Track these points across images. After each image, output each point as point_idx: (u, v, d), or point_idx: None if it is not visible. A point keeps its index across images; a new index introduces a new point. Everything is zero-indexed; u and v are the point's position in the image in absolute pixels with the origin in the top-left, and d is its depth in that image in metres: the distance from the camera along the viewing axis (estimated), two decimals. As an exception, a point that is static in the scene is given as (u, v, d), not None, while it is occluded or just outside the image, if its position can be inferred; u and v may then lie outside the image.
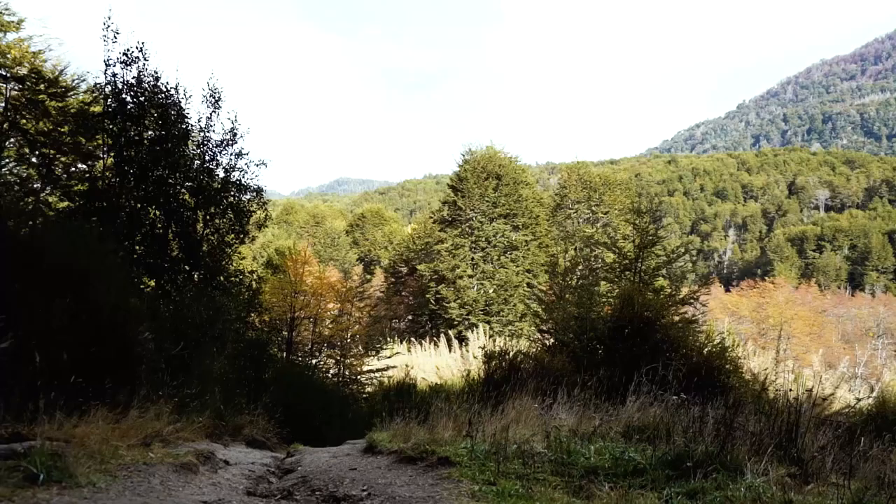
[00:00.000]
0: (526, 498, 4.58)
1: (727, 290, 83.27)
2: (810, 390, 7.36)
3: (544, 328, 15.71)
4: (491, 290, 39.30)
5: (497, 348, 12.34)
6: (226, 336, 12.86)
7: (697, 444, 5.16)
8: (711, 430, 5.54)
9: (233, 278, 14.96)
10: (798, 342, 45.37)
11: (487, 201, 40.36)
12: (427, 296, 40.79)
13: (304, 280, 21.23)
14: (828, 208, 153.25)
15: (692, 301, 14.44)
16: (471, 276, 39.59)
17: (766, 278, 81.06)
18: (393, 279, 52.39)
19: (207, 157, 14.71)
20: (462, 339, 33.03)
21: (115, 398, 7.11)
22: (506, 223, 40.62)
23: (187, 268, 14.06)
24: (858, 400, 8.38)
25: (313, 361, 20.35)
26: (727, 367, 12.07)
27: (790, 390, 7.00)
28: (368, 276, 63.86)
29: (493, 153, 42.53)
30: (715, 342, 12.95)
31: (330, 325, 21.95)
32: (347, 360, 21.01)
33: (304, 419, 14.16)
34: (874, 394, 17.65)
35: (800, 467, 5.14)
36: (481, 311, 38.71)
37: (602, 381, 9.03)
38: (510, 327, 37.62)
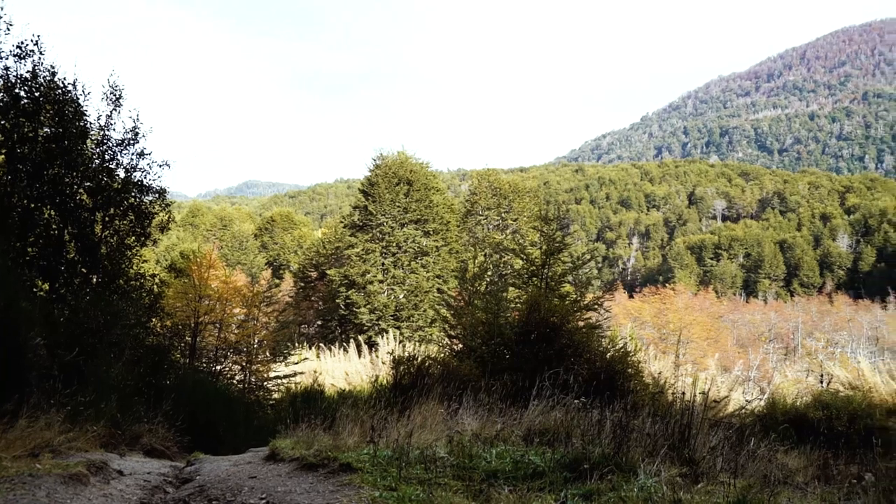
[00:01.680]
0: (426, 502, 4.59)
1: (630, 297, 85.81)
2: (705, 393, 7.67)
3: (453, 333, 15.80)
4: (401, 296, 39.30)
5: (406, 354, 12.33)
6: (124, 342, 12.41)
7: (595, 446, 5.30)
8: (609, 433, 5.71)
9: (133, 282, 14.45)
10: (696, 347, 47.12)
11: (398, 206, 40.37)
12: (337, 301, 40.43)
13: (210, 284, 20.70)
14: (724, 218, 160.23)
15: (596, 307, 14.75)
16: (381, 282, 39.48)
17: (667, 285, 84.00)
18: (302, 284, 51.69)
19: (107, 157, 14.16)
20: (372, 345, 32.87)
21: (1, 407, 6.75)
22: (417, 229, 40.72)
23: (84, 271, 13.50)
24: (748, 402, 8.77)
25: (218, 367, 19.87)
26: (628, 371, 12.41)
27: (683, 393, 7.27)
28: (277, 281, 62.82)
29: (404, 158, 42.60)
30: (618, 347, 13.31)
31: (236, 331, 21.47)
32: (254, 367, 20.60)
33: (207, 427, 13.80)
34: (765, 396, 18.54)
35: (691, 467, 5.35)
36: (391, 316, 38.65)
37: (507, 386, 9.17)
38: (420, 332, 37.69)
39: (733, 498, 4.34)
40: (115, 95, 14.27)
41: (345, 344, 32.71)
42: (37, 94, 12.89)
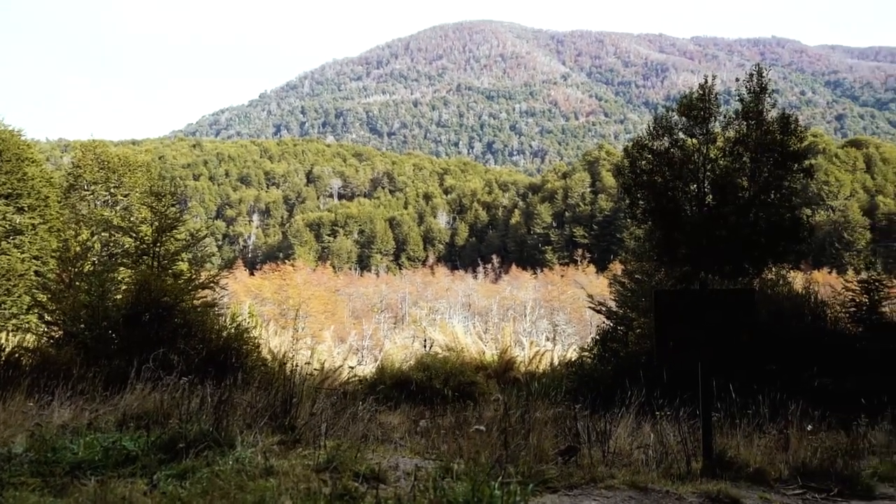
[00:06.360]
0: (-7, 507, 4.16)
1: (252, 274, 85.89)
2: (309, 363, 8.08)
3: (51, 319, 14.43)
4: (-12, 281, 34.54)
5: (-10, 345, 10.97)
6: None
7: (193, 424, 5.30)
8: (211, 409, 5.74)
9: None
10: (315, 320, 48.97)
11: (-17, 179, 35.30)
12: None
13: None
14: (341, 196, 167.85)
15: (213, 284, 14.62)
16: (-39, 265, 34.26)
17: (288, 261, 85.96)
18: None
19: None
20: (-50, 339, 28.42)
21: None
22: (8, 204, 35.91)
23: None
24: (352, 368, 9.43)
25: None
26: (245, 347, 12.56)
27: (297, 365, 7.58)
28: None
29: (-11, 125, 37.28)
30: (235, 324, 13.36)
31: None
32: None
33: None
34: (377, 363, 20.00)
35: (291, 434, 5.64)
36: (-25, 304, 33.79)
37: (109, 371, 8.67)
38: (15, 321, 33.51)
39: (323, 458, 4.69)
40: None
41: (-88, 340, 27.84)
42: None
